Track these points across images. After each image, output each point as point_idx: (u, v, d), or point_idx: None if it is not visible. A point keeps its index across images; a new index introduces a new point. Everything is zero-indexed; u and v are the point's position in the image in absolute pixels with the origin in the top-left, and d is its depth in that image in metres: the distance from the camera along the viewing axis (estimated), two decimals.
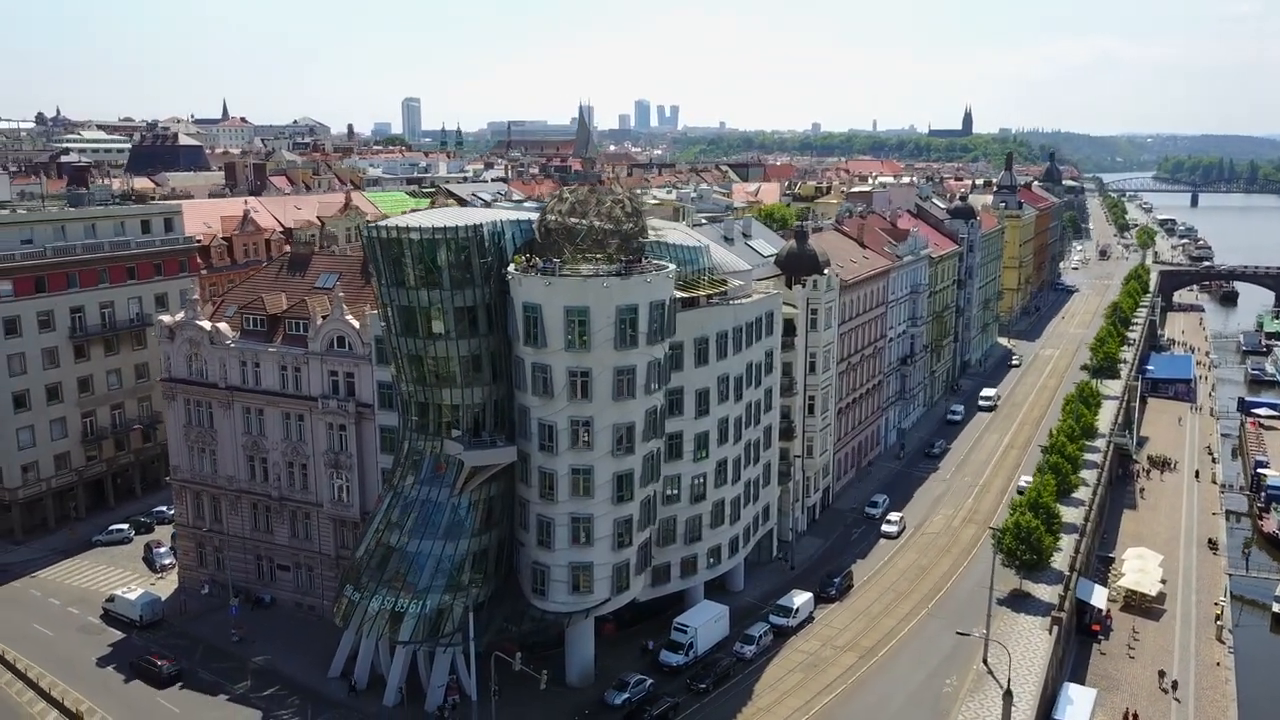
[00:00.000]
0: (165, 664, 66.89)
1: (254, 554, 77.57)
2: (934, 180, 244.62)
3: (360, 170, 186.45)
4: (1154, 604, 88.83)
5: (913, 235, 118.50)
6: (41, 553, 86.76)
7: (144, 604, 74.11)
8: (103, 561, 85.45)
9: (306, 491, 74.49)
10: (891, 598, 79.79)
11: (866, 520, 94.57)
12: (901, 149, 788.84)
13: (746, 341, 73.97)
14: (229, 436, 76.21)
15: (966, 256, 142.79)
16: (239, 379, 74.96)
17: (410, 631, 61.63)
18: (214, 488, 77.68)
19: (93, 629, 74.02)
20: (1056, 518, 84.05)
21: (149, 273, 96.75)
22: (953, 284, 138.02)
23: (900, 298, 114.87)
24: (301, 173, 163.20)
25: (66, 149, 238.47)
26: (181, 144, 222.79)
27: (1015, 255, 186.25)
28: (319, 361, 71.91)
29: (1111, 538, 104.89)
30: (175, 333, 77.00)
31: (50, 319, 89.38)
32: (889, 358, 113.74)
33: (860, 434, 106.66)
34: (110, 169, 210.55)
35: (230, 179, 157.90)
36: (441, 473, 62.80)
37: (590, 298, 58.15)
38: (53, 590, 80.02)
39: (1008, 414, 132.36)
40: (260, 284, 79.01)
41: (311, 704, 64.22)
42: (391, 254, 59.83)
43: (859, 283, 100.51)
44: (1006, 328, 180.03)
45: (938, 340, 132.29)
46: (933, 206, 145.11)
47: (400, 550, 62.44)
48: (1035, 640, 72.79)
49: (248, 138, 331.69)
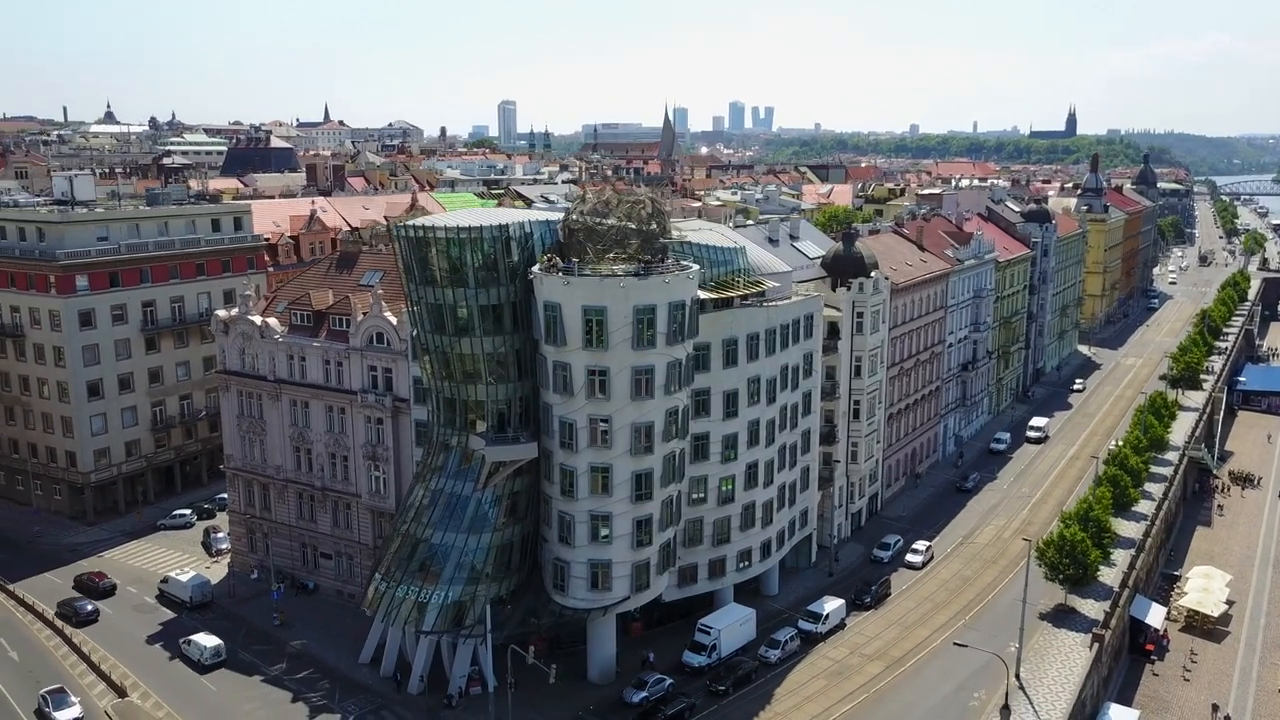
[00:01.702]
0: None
1: (299, 541, 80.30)
2: (1020, 183, 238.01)
3: (438, 172, 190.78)
4: (1216, 625, 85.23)
5: (976, 238, 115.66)
6: (110, 534, 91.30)
7: (194, 586, 77.39)
8: (164, 544, 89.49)
9: (347, 482, 76.81)
10: (929, 608, 78.18)
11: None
12: (1000, 151, 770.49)
13: (781, 344, 73.46)
14: (277, 427, 79.09)
15: (1040, 261, 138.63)
16: (286, 372, 77.76)
17: (433, 621, 63.03)
18: (263, 476, 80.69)
19: (147, 608, 77.61)
20: (1108, 531, 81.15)
21: (217, 269, 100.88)
22: (1023, 289, 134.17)
23: (962, 302, 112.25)
24: (379, 174, 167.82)
25: (169, 151, 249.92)
26: (273, 146, 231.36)
27: (1099, 260, 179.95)
28: (359, 356, 74.10)
29: (1180, 555, 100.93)
30: (229, 327, 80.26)
31: (124, 312, 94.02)
32: (949, 363, 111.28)
33: (914, 441, 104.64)
34: (207, 170, 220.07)
35: (311, 180, 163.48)
36: (467, 467, 64.13)
37: (607, 297, 58.60)
38: (115, 570, 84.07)
39: (1078, 423, 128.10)
40: (310, 281, 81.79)
41: (340, 688, 66.20)
42: (420, 253, 61.36)
43: (913, 286, 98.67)
44: (1088, 335, 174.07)
45: (1005, 346, 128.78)
46: (1005, 210, 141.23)
47: (426, 541, 63.94)
48: (1074, 657, 70.43)
49: (343, 140, 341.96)
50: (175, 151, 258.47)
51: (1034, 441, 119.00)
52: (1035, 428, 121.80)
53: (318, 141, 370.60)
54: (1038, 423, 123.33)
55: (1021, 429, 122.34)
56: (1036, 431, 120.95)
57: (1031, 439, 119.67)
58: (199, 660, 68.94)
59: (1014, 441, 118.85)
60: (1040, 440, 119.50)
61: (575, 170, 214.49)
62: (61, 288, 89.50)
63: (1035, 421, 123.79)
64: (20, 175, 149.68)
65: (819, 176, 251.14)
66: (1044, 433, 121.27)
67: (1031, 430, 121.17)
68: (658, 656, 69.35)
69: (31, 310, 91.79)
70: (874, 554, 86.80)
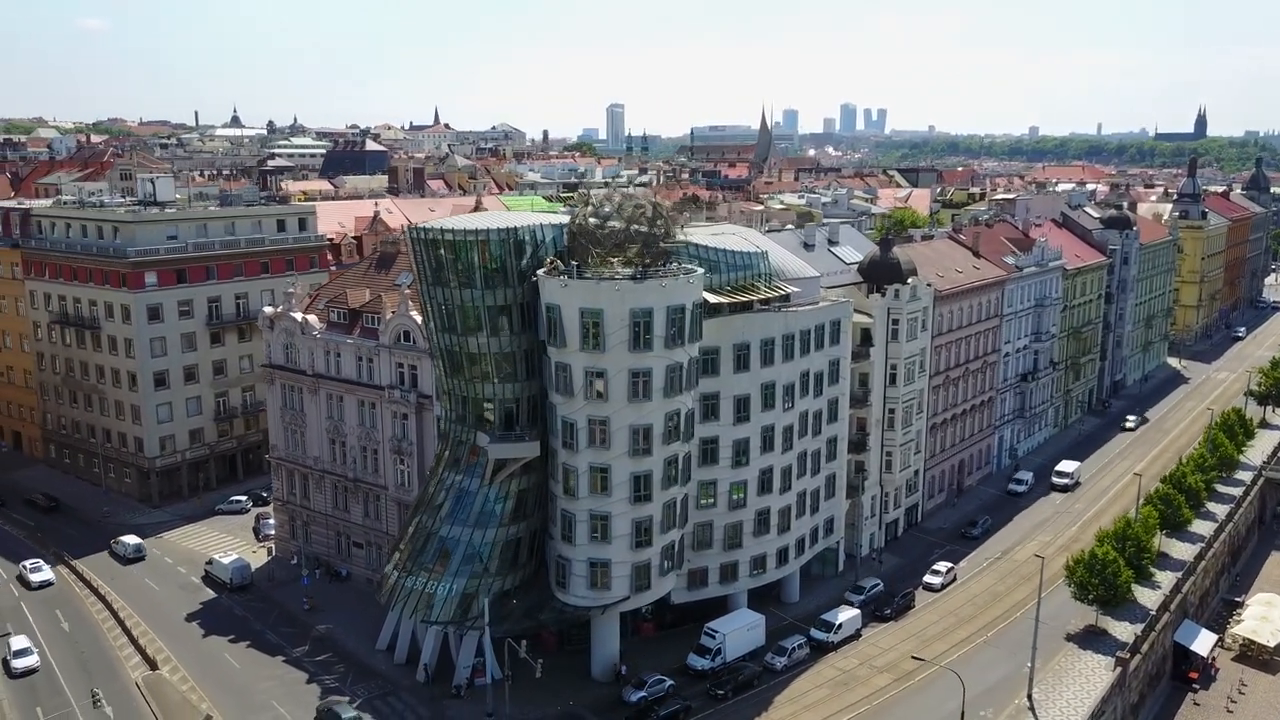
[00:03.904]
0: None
1: (334, 530, 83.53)
2: (1120, 188, 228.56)
3: (518, 175, 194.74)
4: (1273, 656, 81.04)
5: (1039, 245, 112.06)
6: (171, 517, 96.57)
7: (235, 569, 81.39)
8: (218, 529, 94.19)
9: (377, 475, 79.59)
10: (952, 622, 76.45)
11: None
12: (1122, 154, 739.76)
13: (802, 349, 72.97)
14: (315, 420, 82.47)
15: (1119, 269, 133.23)
16: (323, 367, 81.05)
17: (439, 612, 64.96)
18: (303, 467, 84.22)
19: (191, 587, 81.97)
20: (1147, 552, 77.91)
21: (281, 267, 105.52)
22: (1097, 298, 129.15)
23: (1021, 310, 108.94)
24: (458, 176, 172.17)
25: (274, 155, 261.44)
26: (368, 149, 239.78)
27: (1195, 269, 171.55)
28: (388, 353, 76.73)
29: (1247, 581, 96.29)
30: (275, 323, 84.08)
31: (190, 307, 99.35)
32: (1004, 373, 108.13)
33: (961, 452, 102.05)
34: (307, 173, 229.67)
35: (392, 182, 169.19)
36: (474, 463, 65.86)
37: (603, 300, 59.43)
38: (170, 550, 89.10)
39: (1151, 438, 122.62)
40: (350, 280, 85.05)
41: (355, 672, 68.78)
42: (431, 254, 63.32)
43: (960, 293, 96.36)
44: (1180, 347, 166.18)
45: (1075, 357, 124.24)
46: (1083, 216, 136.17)
47: (436, 534, 65.90)
48: (1095, 680, 67.99)
49: (443, 143, 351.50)
50: (280, 154, 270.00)
51: (1060, 489, 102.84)
52: (1062, 473, 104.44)
53: (423, 144, 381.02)
54: (1066, 467, 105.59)
55: (1085, 448, 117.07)
56: (1064, 478, 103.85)
57: (1057, 485, 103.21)
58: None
59: (1035, 487, 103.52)
60: (1067, 488, 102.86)
61: (652, 173, 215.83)
62: (132, 283, 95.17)
63: (1063, 466, 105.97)
64: (125, 177, 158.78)
65: (909, 180, 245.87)
66: (1073, 479, 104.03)
67: (1057, 476, 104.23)
68: (666, 658, 69.50)
69: (106, 304, 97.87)
70: (846, 595, 78.35)
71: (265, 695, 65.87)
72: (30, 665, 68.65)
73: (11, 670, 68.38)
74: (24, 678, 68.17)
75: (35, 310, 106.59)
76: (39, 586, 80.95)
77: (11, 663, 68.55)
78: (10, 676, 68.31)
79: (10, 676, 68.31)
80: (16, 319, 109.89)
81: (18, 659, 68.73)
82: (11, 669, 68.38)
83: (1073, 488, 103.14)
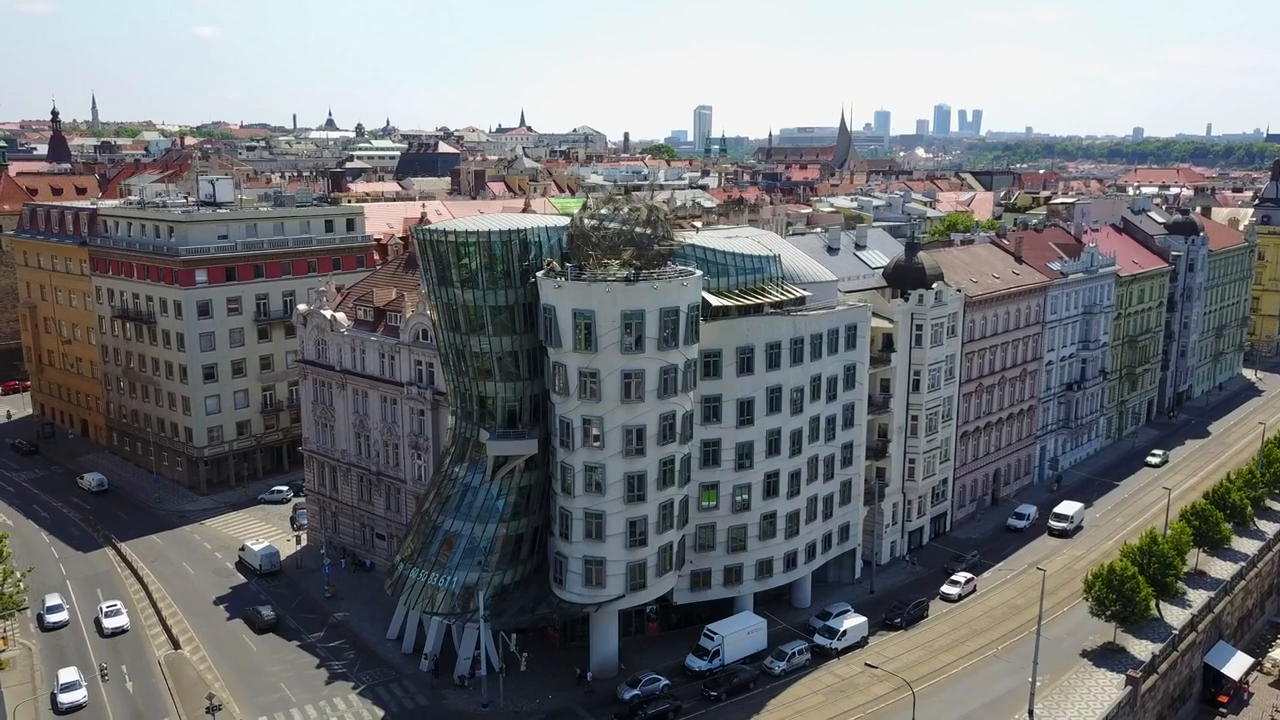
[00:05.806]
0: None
1: (359, 521, 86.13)
2: (1206, 192, 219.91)
3: (580, 177, 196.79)
4: None
5: (1089, 251, 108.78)
6: (217, 505, 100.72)
7: (264, 556, 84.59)
8: (258, 517, 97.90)
9: (397, 469, 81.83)
10: (964, 633, 75.04)
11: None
12: (1229, 156, 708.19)
13: (813, 353, 72.61)
14: (343, 414, 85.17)
15: (1183, 276, 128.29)
16: (350, 363, 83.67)
17: (439, 604, 66.63)
18: (332, 459, 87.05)
19: (224, 572, 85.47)
20: (1173, 569, 75.20)
21: (327, 266, 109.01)
22: (1157, 305, 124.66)
23: (1066, 317, 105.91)
24: (518, 179, 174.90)
25: (352, 156, 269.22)
26: (440, 152, 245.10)
27: (1276, 276, 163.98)
28: (408, 351, 78.85)
29: None
30: (307, 320, 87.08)
31: (239, 304, 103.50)
32: (1047, 382, 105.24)
33: (996, 462, 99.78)
34: (382, 174, 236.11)
35: (454, 184, 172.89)
36: (477, 459, 67.36)
37: (594, 302, 60.22)
38: (210, 536, 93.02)
39: (1211, 452, 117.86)
40: (378, 279, 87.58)
41: (364, 659, 71.01)
42: (436, 255, 65.00)
43: (995, 299, 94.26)
44: (1256, 358, 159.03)
45: (1130, 366, 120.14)
46: (1146, 221, 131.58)
47: (441, 528, 67.61)
48: (1103, 699, 66.03)
49: (517, 145, 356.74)
50: (360, 157, 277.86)
51: (1057, 534, 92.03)
52: (1060, 516, 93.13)
53: (505, 146, 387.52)
54: (1065, 509, 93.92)
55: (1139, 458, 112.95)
56: (1063, 521, 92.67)
57: (1055, 530, 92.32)
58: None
59: (1036, 524, 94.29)
60: (1064, 534, 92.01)
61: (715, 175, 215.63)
62: (183, 280, 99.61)
63: (1062, 509, 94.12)
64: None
65: (983, 184, 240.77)
66: (1073, 523, 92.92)
67: (1055, 520, 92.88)
68: (666, 658, 70.10)
69: (161, 299, 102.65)
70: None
71: (274, 678, 68.47)
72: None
73: (64, 625, 75.29)
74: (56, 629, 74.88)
75: (100, 305, 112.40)
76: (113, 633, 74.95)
77: (61, 620, 75.30)
78: (56, 630, 75.10)
79: (56, 630, 75.10)
80: (84, 313, 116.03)
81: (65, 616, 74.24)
82: (60, 625, 75.29)
83: (1072, 532, 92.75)
